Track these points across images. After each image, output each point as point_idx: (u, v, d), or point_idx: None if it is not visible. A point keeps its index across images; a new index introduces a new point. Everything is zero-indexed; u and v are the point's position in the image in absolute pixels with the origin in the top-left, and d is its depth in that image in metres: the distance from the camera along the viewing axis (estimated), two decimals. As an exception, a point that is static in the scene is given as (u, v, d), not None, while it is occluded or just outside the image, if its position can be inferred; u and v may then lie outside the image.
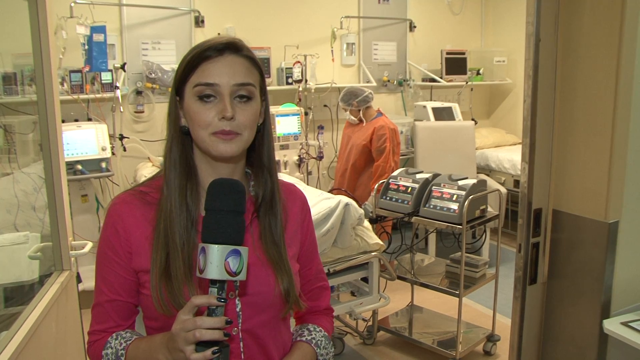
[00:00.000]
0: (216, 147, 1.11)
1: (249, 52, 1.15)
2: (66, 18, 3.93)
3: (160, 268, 1.11)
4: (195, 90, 1.11)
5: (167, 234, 1.12)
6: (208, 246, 0.97)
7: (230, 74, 1.10)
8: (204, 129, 1.11)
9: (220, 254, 0.96)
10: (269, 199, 1.22)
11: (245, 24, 4.82)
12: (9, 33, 2.25)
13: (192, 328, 0.96)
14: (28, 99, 2.26)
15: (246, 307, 1.17)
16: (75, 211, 3.80)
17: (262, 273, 1.17)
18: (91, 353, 1.20)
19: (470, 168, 4.98)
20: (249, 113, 1.12)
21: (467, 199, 3.02)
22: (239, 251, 0.98)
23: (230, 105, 1.09)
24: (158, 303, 1.11)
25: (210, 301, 0.97)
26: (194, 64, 1.12)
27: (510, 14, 6.11)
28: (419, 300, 3.78)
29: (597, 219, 1.64)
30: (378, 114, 4.36)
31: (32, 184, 2.12)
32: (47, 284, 1.87)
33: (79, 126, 3.92)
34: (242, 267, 0.98)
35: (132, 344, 1.14)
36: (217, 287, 0.98)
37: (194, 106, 1.11)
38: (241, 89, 1.11)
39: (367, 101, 4.28)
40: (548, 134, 1.71)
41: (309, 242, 1.34)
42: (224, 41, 1.12)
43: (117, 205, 1.18)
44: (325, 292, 1.40)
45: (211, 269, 0.96)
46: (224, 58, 1.11)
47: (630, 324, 1.61)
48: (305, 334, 1.31)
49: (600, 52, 1.59)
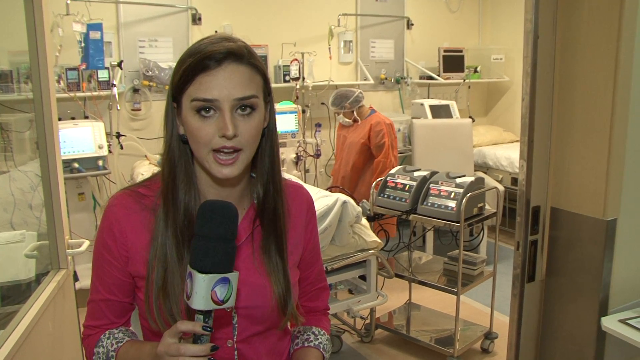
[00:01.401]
0: (217, 170, 1.05)
1: (252, 58, 1.06)
2: (62, 15, 3.92)
3: (157, 284, 1.08)
4: (193, 104, 1.03)
5: (164, 248, 1.09)
6: (195, 274, 0.93)
7: (230, 87, 1.02)
8: (203, 146, 1.04)
9: (207, 284, 0.92)
10: (271, 208, 1.16)
11: (242, 21, 4.81)
12: (5, 30, 2.24)
13: (176, 354, 0.94)
14: (24, 96, 2.25)
15: (242, 319, 1.15)
16: (72, 209, 3.79)
17: (259, 285, 1.15)
18: (85, 344, 1.21)
19: (467, 166, 4.99)
20: (252, 127, 1.05)
21: (464, 197, 3.02)
22: (228, 279, 0.94)
23: (231, 122, 1.01)
24: (153, 320, 1.09)
25: (196, 329, 0.94)
26: (191, 75, 1.03)
27: (507, 12, 6.12)
28: (416, 298, 3.78)
29: (595, 217, 1.63)
30: (372, 111, 4.36)
31: (29, 182, 2.11)
32: (43, 282, 1.87)
33: (75, 124, 3.90)
34: (231, 294, 0.94)
35: (122, 347, 1.13)
36: (204, 315, 0.95)
37: (192, 121, 1.04)
38: (243, 102, 1.03)
39: (359, 101, 4.28)
40: (546, 132, 1.71)
41: (312, 246, 1.31)
42: (224, 50, 1.02)
43: (115, 208, 1.14)
44: (325, 293, 1.39)
45: (197, 299, 0.92)
46: (223, 69, 1.02)
47: (628, 321, 1.61)
48: (312, 338, 1.29)
49: (599, 49, 1.58)
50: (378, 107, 5.70)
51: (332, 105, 4.37)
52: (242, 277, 1.02)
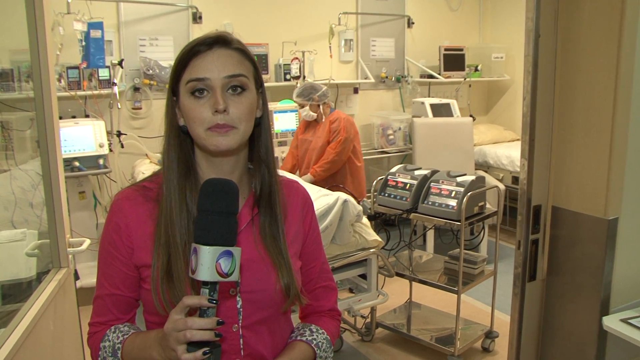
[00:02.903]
0: (212, 141, 1.10)
1: (240, 44, 1.15)
2: (63, 14, 3.92)
3: (162, 269, 1.11)
4: (188, 86, 1.10)
5: (168, 234, 1.12)
6: (199, 247, 0.96)
7: (220, 67, 1.10)
8: (199, 125, 1.10)
9: (212, 256, 0.96)
10: (267, 193, 1.21)
11: (243, 20, 4.80)
12: (6, 29, 2.24)
13: (183, 328, 0.96)
14: (25, 95, 2.25)
15: (247, 304, 1.16)
16: (73, 208, 3.80)
17: (262, 270, 1.17)
18: (90, 343, 1.21)
19: (468, 164, 4.99)
20: (243, 105, 1.11)
21: (465, 196, 3.02)
22: (231, 252, 0.97)
23: (222, 98, 1.08)
24: (160, 304, 1.11)
25: (202, 302, 0.97)
26: (185, 62, 1.12)
27: (508, 10, 6.11)
28: (417, 297, 3.78)
29: (596, 216, 1.63)
30: (332, 109, 4.25)
31: (30, 180, 2.11)
32: (44, 281, 1.87)
33: (76, 123, 3.91)
34: (235, 268, 0.98)
35: (128, 338, 1.15)
36: (209, 288, 0.98)
37: (188, 103, 1.11)
38: (233, 81, 1.10)
39: (327, 95, 4.16)
40: (547, 131, 1.71)
41: (312, 240, 1.31)
42: (213, 36, 1.12)
43: (120, 201, 1.18)
44: (331, 293, 1.37)
45: (202, 270, 0.96)
46: (212, 52, 1.11)
47: (629, 320, 1.61)
48: (307, 334, 1.28)
49: (600, 48, 1.58)
50: (378, 106, 5.74)
51: (299, 96, 4.16)
52: (245, 262, 1.07)
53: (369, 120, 5.58)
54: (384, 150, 5.38)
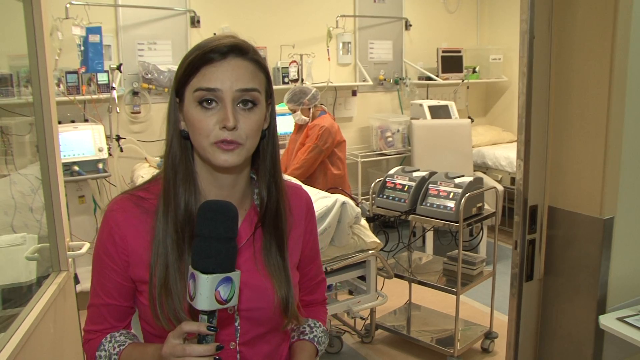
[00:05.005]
0: (217, 157, 1.04)
1: (255, 54, 1.09)
2: (62, 19, 3.94)
3: (159, 282, 1.08)
4: (196, 94, 1.04)
5: (165, 246, 1.09)
6: (198, 275, 0.93)
7: (233, 78, 1.03)
8: (204, 137, 1.04)
9: (211, 285, 0.92)
10: (273, 208, 1.17)
11: (241, 23, 4.81)
12: (5, 34, 2.25)
13: (182, 355, 0.94)
14: (24, 100, 2.26)
15: (245, 322, 1.15)
16: (73, 212, 3.80)
17: (261, 287, 1.15)
18: (86, 349, 1.21)
19: (466, 166, 4.99)
20: (253, 121, 1.05)
21: (463, 197, 3.03)
22: (230, 278, 0.94)
23: (233, 114, 1.02)
24: (157, 317, 1.08)
25: (201, 330, 0.94)
26: (195, 67, 1.04)
27: (505, 12, 6.13)
28: (416, 298, 3.79)
29: (592, 215, 1.64)
30: (322, 112, 4.21)
31: (29, 185, 2.12)
32: (44, 285, 1.87)
33: (75, 127, 3.91)
34: (234, 293, 0.95)
35: (125, 350, 1.13)
36: (208, 315, 0.95)
37: (194, 112, 1.04)
38: (245, 95, 1.04)
39: (317, 98, 4.13)
40: (543, 131, 1.72)
41: (311, 245, 1.32)
42: (228, 43, 1.05)
43: (115, 213, 1.13)
44: (322, 284, 1.42)
45: (201, 300, 0.93)
46: (227, 62, 1.04)
47: (626, 319, 1.62)
48: (307, 331, 1.31)
49: (594, 49, 1.59)
50: (377, 108, 5.74)
51: (289, 101, 4.13)
52: (244, 279, 1.02)
53: (367, 123, 5.59)
54: (382, 153, 5.39)
